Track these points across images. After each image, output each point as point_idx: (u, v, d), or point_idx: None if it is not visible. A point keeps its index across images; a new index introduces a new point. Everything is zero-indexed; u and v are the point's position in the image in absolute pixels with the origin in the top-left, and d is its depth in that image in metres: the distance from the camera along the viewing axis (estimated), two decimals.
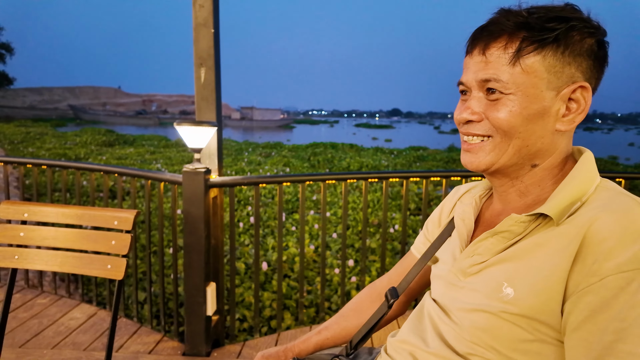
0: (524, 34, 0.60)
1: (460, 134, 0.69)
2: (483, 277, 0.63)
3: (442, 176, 2.28)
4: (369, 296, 0.91)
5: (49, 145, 17.21)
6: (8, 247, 1.21)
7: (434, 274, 0.76)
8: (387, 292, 0.80)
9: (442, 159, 15.46)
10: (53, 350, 1.97)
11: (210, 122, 1.88)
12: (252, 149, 18.32)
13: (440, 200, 7.32)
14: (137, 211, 1.13)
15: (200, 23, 1.98)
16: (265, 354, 0.86)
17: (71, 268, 1.16)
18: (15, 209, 1.21)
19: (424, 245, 0.86)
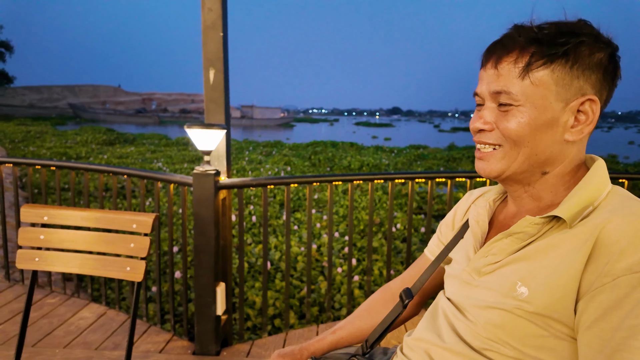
0: (534, 49, 0.63)
1: (475, 142, 0.72)
2: (497, 276, 0.66)
3: (447, 177, 2.30)
4: (382, 297, 0.94)
5: (50, 144, 17.21)
6: (29, 249, 1.23)
7: (447, 274, 0.79)
8: (401, 293, 0.83)
9: (443, 158, 15.49)
10: (64, 350, 1.99)
11: (220, 124, 1.91)
12: (252, 148, 18.34)
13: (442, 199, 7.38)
14: (156, 215, 1.16)
15: (209, 26, 2.01)
16: (282, 352, 0.89)
17: (90, 270, 1.19)
18: (35, 212, 1.24)
19: (437, 248, 0.89)
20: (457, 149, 19.95)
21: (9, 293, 2.60)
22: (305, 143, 20.97)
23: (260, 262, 4.51)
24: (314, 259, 4.42)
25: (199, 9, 2.03)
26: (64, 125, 35.69)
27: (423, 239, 5.46)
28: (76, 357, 1.93)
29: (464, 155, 15.70)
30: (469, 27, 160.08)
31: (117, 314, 2.37)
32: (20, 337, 1.22)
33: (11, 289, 2.66)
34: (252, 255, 4.67)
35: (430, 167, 13.78)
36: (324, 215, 6.12)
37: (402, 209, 7.14)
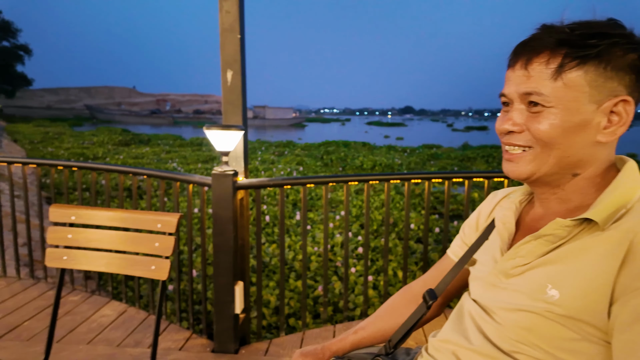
0: (566, 50, 0.63)
1: (501, 144, 0.72)
2: (526, 279, 0.66)
3: (464, 177, 2.29)
4: (404, 298, 0.95)
5: (67, 144, 17.63)
6: (57, 248, 1.27)
7: (473, 276, 0.79)
8: (425, 294, 0.84)
9: (457, 157, 15.33)
10: (88, 346, 2.05)
11: (238, 125, 1.93)
12: (265, 148, 18.45)
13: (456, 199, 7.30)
14: (180, 214, 1.18)
15: (227, 29, 2.03)
16: (304, 351, 0.90)
17: (117, 268, 1.22)
18: (63, 212, 1.28)
19: (460, 249, 0.89)
20: (471, 148, 19.73)
21: (34, 290, 2.68)
22: (317, 143, 21.00)
23: (274, 261, 4.54)
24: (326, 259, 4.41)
25: (217, 11, 2.06)
26: (80, 126, 36.47)
27: (438, 240, 5.43)
28: (99, 353, 1.98)
29: (478, 155, 15.52)
30: (482, 25, 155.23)
31: (137, 312, 2.42)
32: (50, 333, 1.25)
33: (35, 286, 2.74)
34: (266, 254, 4.70)
35: (444, 166, 13.66)
36: (337, 215, 6.12)
37: (416, 208, 7.10)
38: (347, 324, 2.27)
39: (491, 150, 17.42)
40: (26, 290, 2.67)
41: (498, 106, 0.75)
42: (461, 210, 7.20)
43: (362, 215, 6.45)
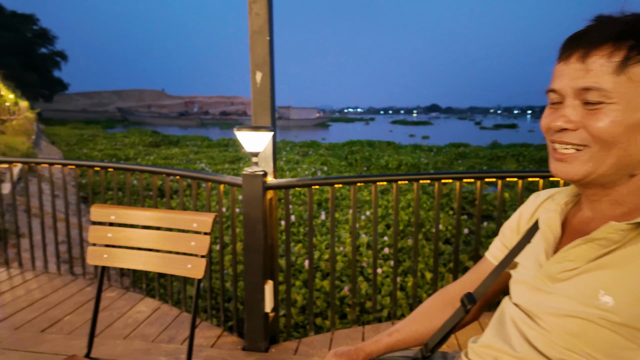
0: (631, 42, 0.59)
1: (548, 142, 0.68)
2: (575, 284, 0.63)
3: (497, 177, 2.23)
4: (440, 301, 0.93)
5: (101, 146, 18.36)
6: (98, 246, 1.33)
7: (515, 279, 0.77)
8: (463, 298, 0.81)
9: (486, 156, 14.96)
10: (125, 341, 2.12)
11: (267, 127, 1.95)
12: (289, 148, 18.59)
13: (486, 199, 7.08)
14: (215, 214, 1.21)
15: (256, 31, 2.06)
16: (338, 352, 0.89)
17: (154, 267, 1.26)
18: (103, 211, 1.33)
19: (500, 252, 0.86)
20: (500, 147, 19.20)
21: (73, 286, 2.80)
22: (341, 143, 20.97)
23: (300, 260, 4.57)
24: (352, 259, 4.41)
25: (244, 14, 2.09)
26: (113, 128, 37.91)
27: (467, 241, 5.31)
28: (135, 348, 2.05)
29: (508, 154, 15.08)
30: (511, 21, 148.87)
31: (170, 309, 2.49)
32: (92, 328, 1.31)
33: (74, 282, 2.86)
34: (292, 254, 4.74)
35: (473, 166, 13.34)
36: (362, 215, 6.09)
37: (443, 209, 6.97)
38: (376, 326, 2.25)
39: (521, 148, 16.90)
40: (66, 286, 2.80)
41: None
42: (491, 210, 7.02)
43: (387, 216, 6.39)
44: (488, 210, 6.97)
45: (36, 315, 2.37)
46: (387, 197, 7.33)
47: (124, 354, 2.00)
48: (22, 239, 4.82)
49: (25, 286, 2.80)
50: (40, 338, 2.13)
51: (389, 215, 6.37)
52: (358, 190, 8.23)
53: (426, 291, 3.84)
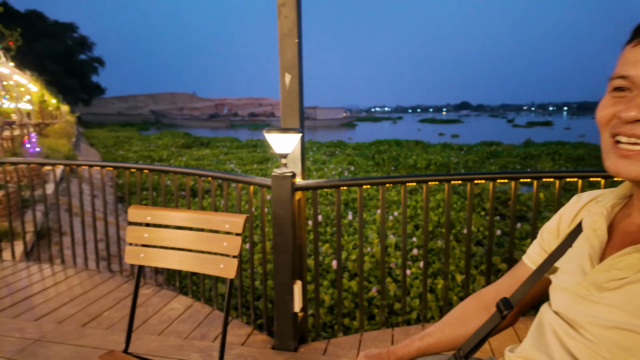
0: None
1: (606, 136, 0.62)
2: (625, 294, 0.59)
3: (532, 177, 2.15)
4: (474, 305, 0.90)
5: (136, 147, 19.14)
6: (135, 246, 1.38)
7: (555, 286, 0.73)
8: (499, 303, 0.78)
9: (519, 155, 14.47)
10: (159, 337, 2.20)
11: (295, 128, 1.97)
12: (316, 148, 18.66)
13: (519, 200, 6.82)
14: (247, 215, 1.23)
15: (285, 34, 2.08)
16: (369, 354, 0.88)
17: (188, 266, 1.30)
18: (140, 212, 1.38)
19: (539, 256, 0.82)
20: (534, 145, 18.50)
21: (111, 283, 2.93)
22: (368, 142, 20.85)
23: (327, 260, 4.57)
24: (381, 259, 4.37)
25: (273, 17, 2.11)
26: (147, 131, 39.39)
27: (499, 242, 5.16)
28: (169, 344, 2.12)
29: (542, 152, 14.52)
30: (546, 13, 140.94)
31: (202, 307, 2.56)
32: (130, 323, 1.36)
33: (112, 279, 2.99)
34: (319, 254, 4.76)
35: (505, 165, 12.93)
36: (389, 216, 6.03)
37: (475, 210, 6.80)
38: (406, 329, 2.23)
39: (557, 147, 16.22)
40: (105, 283, 2.93)
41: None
42: (525, 211, 6.78)
43: (415, 216, 6.30)
44: (522, 211, 6.74)
45: (77, 310, 2.49)
46: (416, 198, 7.22)
47: (159, 349, 2.07)
48: (64, 237, 5.08)
49: (68, 282, 2.95)
50: (81, 332, 2.24)
51: (417, 216, 6.27)
52: (386, 191, 8.15)
53: (457, 293, 3.76)
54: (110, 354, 1.19)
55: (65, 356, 2.00)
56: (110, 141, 23.41)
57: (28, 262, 3.34)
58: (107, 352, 1.21)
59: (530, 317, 2.14)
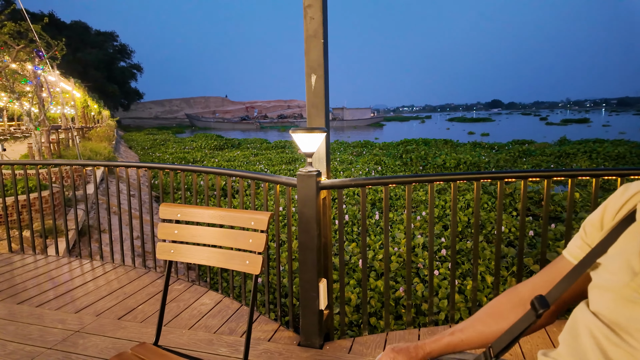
0: None
1: None
2: None
3: (566, 176, 2.08)
4: (509, 301, 0.84)
5: (172, 149, 19.90)
6: (165, 242, 1.45)
7: (596, 284, 0.67)
8: (534, 301, 0.72)
9: (553, 154, 13.90)
10: (190, 331, 2.28)
11: (320, 128, 1.99)
12: (343, 148, 18.67)
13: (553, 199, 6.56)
14: (271, 213, 1.26)
15: (311, 35, 2.10)
16: (396, 347, 0.85)
17: (216, 262, 1.35)
18: (170, 210, 1.45)
19: (581, 250, 0.76)
20: (570, 143, 17.71)
21: (146, 278, 3.06)
22: (395, 142, 20.64)
23: (354, 260, 4.58)
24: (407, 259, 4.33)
25: (302, 18, 2.14)
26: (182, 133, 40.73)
27: (531, 243, 4.99)
28: (199, 338, 2.19)
29: (579, 150, 13.88)
30: (580, 3, 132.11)
31: (231, 302, 2.63)
32: (160, 318, 1.43)
33: (147, 275, 3.12)
34: (346, 252, 4.76)
35: (539, 164, 12.46)
36: (417, 215, 5.95)
37: (506, 209, 6.59)
38: (433, 329, 2.20)
39: (594, 145, 15.45)
40: (140, 278, 3.06)
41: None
42: (559, 211, 6.51)
43: (444, 216, 6.18)
44: (555, 211, 6.48)
45: (114, 304, 2.62)
46: (444, 197, 7.09)
47: (189, 343, 2.14)
48: (104, 234, 5.34)
49: (106, 277, 3.10)
50: (118, 325, 2.36)
51: (446, 216, 6.16)
52: (413, 190, 8.05)
53: (486, 295, 3.67)
54: (141, 346, 1.25)
55: (102, 347, 2.11)
56: (148, 144, 24.42)
57: (70, 258, 3.53)
58: (139, 344, 1.27)
59: (564, 319, 2.07)
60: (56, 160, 3.52)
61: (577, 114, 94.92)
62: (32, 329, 2.32)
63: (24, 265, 3.35)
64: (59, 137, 10.87)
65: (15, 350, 2.09)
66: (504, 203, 6.66)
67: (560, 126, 45.53)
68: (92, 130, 18.28)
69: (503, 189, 2.12)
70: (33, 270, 3.25)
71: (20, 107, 8.11)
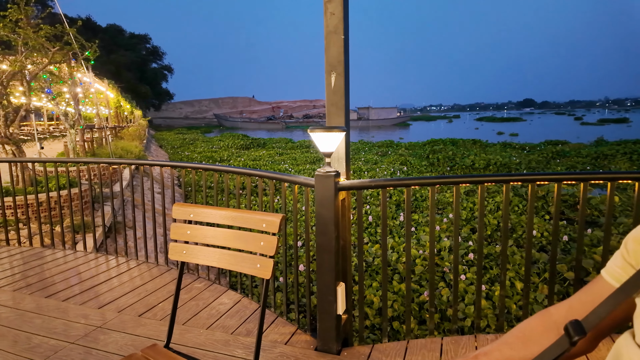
0: None
1: None
2: None
3: (605, 179, 1.92)
4: (541, 324, 0.75)
5: (200, 149, 20.38)
6: (178, 243, 1.42)
7: None
8: (568, 326, 0.64)
9: (590, 155, 13.23)
10: (207, 331, 2.27)
11: (340, 127, 1.93)
12: (368, 149, 18.50)
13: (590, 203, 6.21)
14: (283, 215, 1.22)
15: (331, 31, 2.05)
16: None
17: (227, 264, 1.31)
18: (183, 210, 1.42)
19: (622, 271, 0.67)
20: (607, 144, 16.82)
21: (168, 275, 3.09)
22: (422, 142, 20.27)
23: (376, 261, 4.48)
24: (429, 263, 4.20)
25: (322, 15, 2.09)
26: (210, 133, 41.64)
27: (565, 249, 4.74)
28: (216, 339, 2.18)
29: (617, 152, 13.15)
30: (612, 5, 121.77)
31: (249, 302, 2.60)
32: (171, 320, 1.40)
33: (169, 272, 3.15)
34: (369, 254, 4.67)
35: (574, 165, 11.90)
36: (444, 217, 5.78)
37: (538, 213, 6.30)
38: (456, 338, 2.09)
39: (635, 146, 14.60)
40: (162, 275, 3.09)
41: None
42: (596, 216, 6.16)
43: (472, 219, 5.98)
44: (592, 215, 6.14)
45: (136, 301, 2.65)
46: (473, 199, 6.86)
47: (206, 343, 2.13)
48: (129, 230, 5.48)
49: (129, 273, 3.16)
50: (138, 322, 2.38)
51: (474, 219, 5.95)
52: (440, 192, 7.83)
53: (516, 302, 3.50)
54: (152, 347, 1.23)
55: (122, 344, 2.13)
56: (177, 143, 25.12)
57: (97, 254, 3.62)
58: (150, 346, 1.25)
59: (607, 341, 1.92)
60: (84, 158, 3.62)
61: (616, 114, 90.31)
62: (57, 322, 2.38)
63: (54, 260, 3.46)
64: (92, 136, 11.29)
65: (40, 344, 2.15)
66: (535, 206, 6.37)
67: (597, 126, 43.49)
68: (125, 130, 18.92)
69: (535, 191, 1.99)
70: (62, 265, 3.35)
71: (56, 107, 8.47)
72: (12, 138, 5.36)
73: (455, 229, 2.10)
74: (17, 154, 5.37)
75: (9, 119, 5.33)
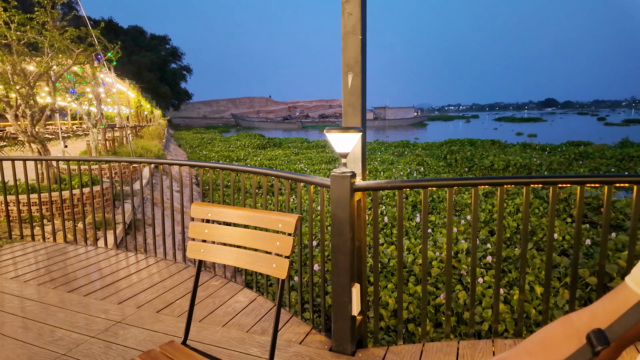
0: None
1: None
2: None
3: (631, 182, 1.86)
4: (562, 332, 0.73)
5: (217, 148, 20.64)
6: (196, 241, 1.44)
7: None
8: (591, 335, 0.61)
9: (614, 157, 12.82)
10: (223, 329, 2.29)
11: (356, 127, 1.92)
12: (384, 149, 18.38)
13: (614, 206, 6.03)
14: (299, 216, 1.22)
15: (349, 31, 2.04)
16: None
17: (243, 264, 1.32)
18: (201, 209, 1.44)
19: None
20: (632, 145, 16.27)
21: (185, 273, 3.14)
22: (439, 142, 20.03)
23: (392, 262, 4.45)
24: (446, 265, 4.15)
25: (339, 15, 2.09)
26: (227, 133, 42.15)
27: (588, 253, 4.60)
28: (232, 336, 2.20)
29: None
30: None
31: (265, 301, 2.62)
32: (189, 317, 1.43)
33: (187, 270, 3.20)
34: (384, 255, 4.64)
35: (597, 167, 11.54)
36: (462, 219, 5.70)
37: (560, 216, 6.15)
38: (473, 342, 2.06)
39: None
40: (180, 272, 3.15)
41: None
42: (620, 219, 5.97)
43: (491, 221, 5.87)
44: (617, 218, 5.94)
45: (154, 297, 2.71)
46: (492, 201, 6.73)
47: (222, 341, 2.16)
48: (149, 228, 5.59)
49: (148, 270, 3.22)
50: (156, 318, 2.42)
51: (493, 221, 5.85)
52: (458, 193, 7.72)
53: (535, 307, 3.42)
54: (169, 344, 1.25)
55: (140, 339, 2.18)
56: (196, 142, 25.51)
57: (117, 250, 3.71)
58: (168, 342, 1.28)
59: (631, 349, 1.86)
60: (105, 157, 3.71)
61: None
62: (78, 317, 2.44)
63: (77, 256, 3.56)
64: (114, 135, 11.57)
65: (62, 337, 2.21)
66: (557, 209, 6.22)
67: (622, 127, 42.11)
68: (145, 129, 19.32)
69: (556, 194, 1.95)
70: (84, 261, 3.44)
71: (79, 107, 8.71)
72: (38, 137, 5.54)
73: (474, 231, 2.07)
74: (42, 152, 5.55)
75: (35, 118, 5.51)
